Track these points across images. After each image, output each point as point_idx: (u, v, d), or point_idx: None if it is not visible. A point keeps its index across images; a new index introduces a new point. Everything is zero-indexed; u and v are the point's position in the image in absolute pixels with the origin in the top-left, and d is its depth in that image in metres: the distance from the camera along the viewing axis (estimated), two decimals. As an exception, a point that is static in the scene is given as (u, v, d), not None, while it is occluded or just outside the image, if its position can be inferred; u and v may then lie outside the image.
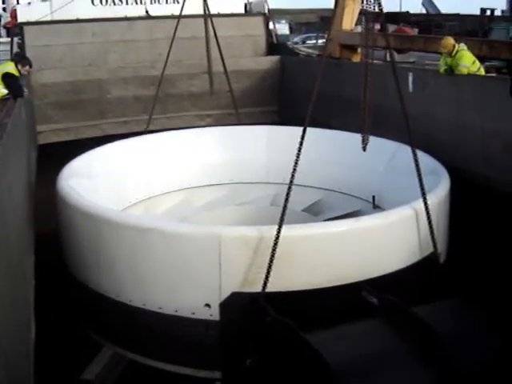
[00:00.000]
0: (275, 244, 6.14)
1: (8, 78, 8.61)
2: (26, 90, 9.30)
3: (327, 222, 7.74)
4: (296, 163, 6.46)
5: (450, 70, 9.99)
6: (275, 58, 16.17)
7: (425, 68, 14.25)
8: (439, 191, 7.57)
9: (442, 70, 10.21)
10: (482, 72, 10.12)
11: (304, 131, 6.50)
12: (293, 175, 6.43)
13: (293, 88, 14.66)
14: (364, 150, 7.53)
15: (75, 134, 14.09)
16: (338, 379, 5.16)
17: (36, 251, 7.15)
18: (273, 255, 6.16)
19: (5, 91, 8.59)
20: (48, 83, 13.89)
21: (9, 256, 4.43)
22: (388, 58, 19.91)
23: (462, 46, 10.07)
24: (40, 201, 8.64)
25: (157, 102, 12.62)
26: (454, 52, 9.95)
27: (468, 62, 9.82)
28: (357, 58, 14.75)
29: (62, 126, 14.03)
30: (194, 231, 6.70)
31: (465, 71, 9.78)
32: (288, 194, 6.41)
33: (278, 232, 6.16)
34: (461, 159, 8.60)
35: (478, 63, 10.00)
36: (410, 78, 10.35)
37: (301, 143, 6.48)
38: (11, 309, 4.14)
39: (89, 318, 7.73)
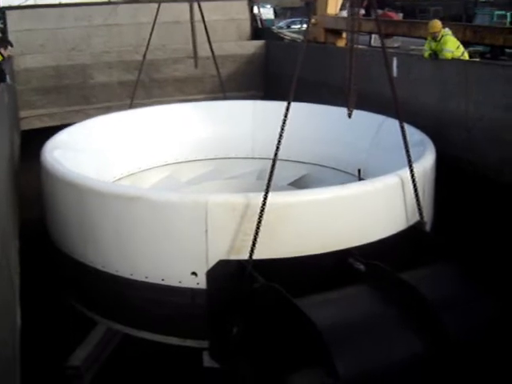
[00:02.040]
0: (262, 210, 6.12)
1: (-11, 63, 8.55)
2: (7, 74, 9.21)
3: (314, 189, 7.67)
4: (281, 135, 6.44)
5: (435, 55, 10.03)
6: (260, 43, 16.13)
7: (409, 53, 14.29)
8: (425, 161, 7.59)
9: (426, 54, 10.26)
10: (466, 57, 10.16)
11: (288, 105, 6.49)
12: (279, 141, 6.44)
13: (278, 73, 14.64)
14: (349, 116, 7.61)
15: (59, 120, 13.97)
16: (326, 342, 5.14)
17: (20, 237, 7.11)
18: (259, 222, 6.13)
19: (-13, 76, 8.53)
20: (31, 68, 13.76)
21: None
22: (373, 43, 19.98)
23: (447, 30, 10.12)
24: (24, 186, 8.60)
25: (141, 87, 12.58)
26: (439, 37, 10.00)
27: (452, 46, 9.88)
28: (341, 43, 14.77)
29: (45, 112, 13.93)
30: (180, 199, 6.65)
31: (449, 56, 9.83)
32: (275, 159, 6.42)
33: (265, 198, 6.14)
34: (445, 144, 8.64)
35: (462, 48, 10.06)
36: (395, 63, 10.35)
37: (285, 117, 6.48)
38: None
39: (75, 290, 7.67)
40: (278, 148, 6.45)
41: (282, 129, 6.46)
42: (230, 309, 6.34)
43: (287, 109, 6.50)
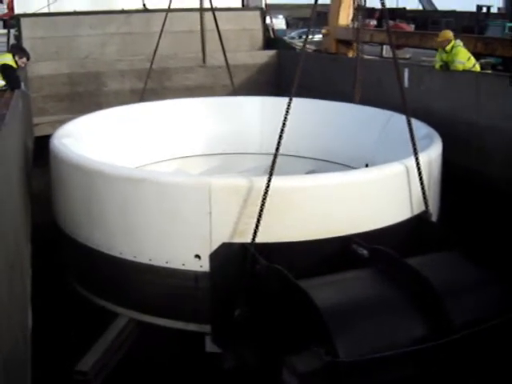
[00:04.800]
0: (265, 194, 6.17)
1: (5, 70, 8.63)
2: (22, 82, 9.30)
3: (319, 174, 7.77)
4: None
5: (446, 66, 10.06)
6: (272, 53, 16.20)
7: (420, 64, 14.32)
8: (431, 151, 7.62)
9: (437, 65, 10.29)
10: (477, 68, 10.19)
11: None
12: (283, 125, 6.51)
13: (289, 82, 14.67)
14: (355, 102, 7.66)
15: (71, 127, 14.07)
16: (325, 320, 5.18)
17: (32, 240, 7.18)
18: (263, 205, 6.17)
19: (2, 82, 8.61)
20: (45, 75, 13.88)
21: (6, 246, 4.47)
22: (384, 54, 19.99)
23: (458, 42, 10.15)
24: (36, 191, 8.68)
25: (153, 94, 12.70)
26: (450, 48, 10.04)
27: (463, 58, 9.90)
28: (353, 53, 14.83)
29: (58, 118, 13.93)
30: (184, 181, 6.74)
31: (460, 67, 9.86)
32: (279, 142, 6.48)
33: (269, 181, 6.18)
34: (456, 154, 8.67)
35: (473, 59, 10.08)
36: (406, 74, 10.40)
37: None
38: (8, 297, 4.19)
39: (80, 274, 7.75)
40: (282, 130, 6.49)
41: (284, 121, 6.53)
42: (233, 292, 6.38)
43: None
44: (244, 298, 6.30)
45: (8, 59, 8.86)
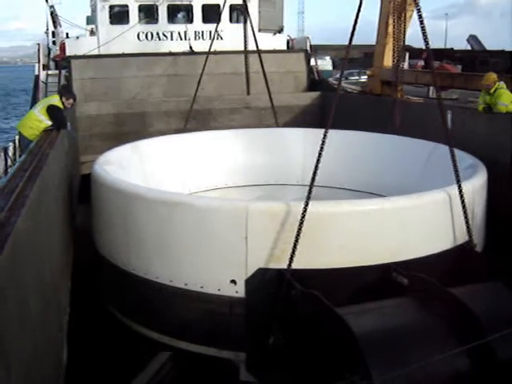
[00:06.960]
0: (302, 219, 6.08)
1: (52, 110, 8.89)
2: (68, 122, 9.56)
3: (356, 200, 7.63)
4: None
5: (489, 108, 9.96)
6: (315, 94, 16.32)
7: (464, 106, 14.23)
8: (475, 180, 7.48)
9: (480, 108, 10.21)
10: (521, 111, 10.07)
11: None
12: (319, 155, 6.45)
13: (333, 123, 14.72)
14: (395, 126, 7.55)
15: (117, 165, 14.35)
16: (362, 349, 5.07)
17: (73, 277, 7.28)
18: (299, 230, 6.09)
19: (49, 122, 8.86)
20: (93, 115, 14.27)
21: (42, 285, 4.55)
22: (431, 95, 19.90)
23: (502, 84, 10.05)
24: (81, 226, 8.84)
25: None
26: (493, 90, 9.95)
27: (507, 100, 9.80)
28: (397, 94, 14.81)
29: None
30: (221, 205, 6.72)
31: (503, 109, 9.76)
32: (316, 168, 6.42)
33: (305, 206, 6.10)
34: (497, 196, 8.52)
35: (517, 102, 9.96)
36: (449, 116, 10.33)
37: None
38: (41, 335, 4.25)
39: (118, 299, 7.79)
40: (319, 158, 6.44)
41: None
42: (268, 318, 6.29)
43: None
44: (279, 324, 6.22)
45: (55, 100, 9.14)
